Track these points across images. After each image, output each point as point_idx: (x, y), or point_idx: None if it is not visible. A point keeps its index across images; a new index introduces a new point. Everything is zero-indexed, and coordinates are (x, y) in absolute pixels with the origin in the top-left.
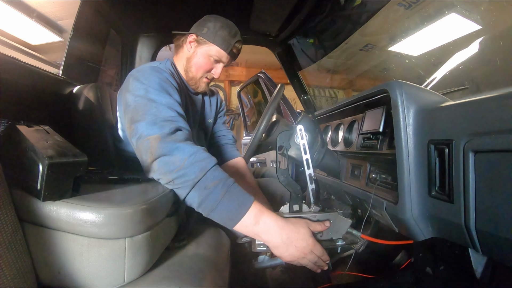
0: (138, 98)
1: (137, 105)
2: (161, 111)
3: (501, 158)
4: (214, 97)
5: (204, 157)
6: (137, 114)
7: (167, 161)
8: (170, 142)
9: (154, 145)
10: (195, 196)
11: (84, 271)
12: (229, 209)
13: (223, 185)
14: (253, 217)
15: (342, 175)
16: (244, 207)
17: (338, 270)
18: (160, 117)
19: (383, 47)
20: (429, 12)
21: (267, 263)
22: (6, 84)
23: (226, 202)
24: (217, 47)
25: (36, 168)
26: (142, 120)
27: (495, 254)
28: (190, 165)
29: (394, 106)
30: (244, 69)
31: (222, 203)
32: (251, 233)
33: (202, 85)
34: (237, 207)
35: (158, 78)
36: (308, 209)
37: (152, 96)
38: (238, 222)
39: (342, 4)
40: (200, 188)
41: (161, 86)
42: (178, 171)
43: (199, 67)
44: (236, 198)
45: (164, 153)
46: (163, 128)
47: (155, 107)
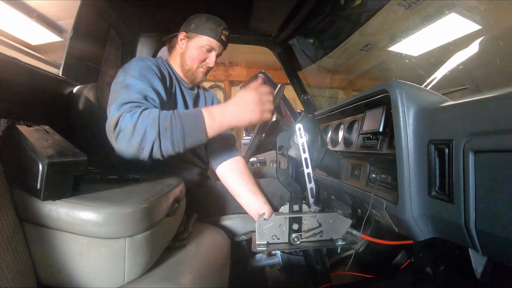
0: (116, 84)
1: (113, 90)
2: (130, 95)
3: (501, 158)
4: (210, 96)
5: (148, 111)
6: (111, 99)
7: (124, 135)
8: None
9: (113, 125)
10: (165, 142)
11: (84, 271)
12: (192, 127)
13: (175, 116)
14: (209, 116)
15: (342, 175)
16: (199, 117)
17: (338, 270)
18: (126, 99)
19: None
20: (429, 12)
21: (264, 261)
22: (6, 84)
23: (186, 124)
24: (206, 36)
25: (36, 167)
26: (113, 103)
27: (495, 254)
28: (142, 124)
29: (394, 106)
30: (244, 69)
31: (185, 128)
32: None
33: (199, 75)
34: (195, 120)
35: (139, 66)
36: (308, 209)
37: (128, 81)
38: (205, 129)
39: (342, 4)
40: (163, 132)
41: (140, 73)
42: (138, 135)
43: (193, 59)
44: (189, 116)
45: (119, 130)
46: (123, 109)
47: (125, 92)
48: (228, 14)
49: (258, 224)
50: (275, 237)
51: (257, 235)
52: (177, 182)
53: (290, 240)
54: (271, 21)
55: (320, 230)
